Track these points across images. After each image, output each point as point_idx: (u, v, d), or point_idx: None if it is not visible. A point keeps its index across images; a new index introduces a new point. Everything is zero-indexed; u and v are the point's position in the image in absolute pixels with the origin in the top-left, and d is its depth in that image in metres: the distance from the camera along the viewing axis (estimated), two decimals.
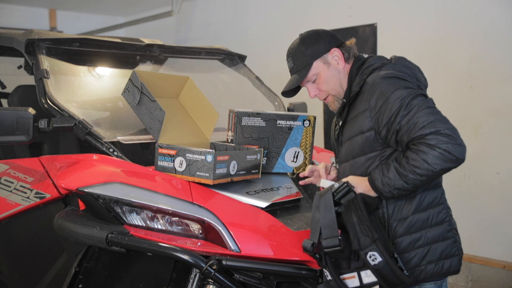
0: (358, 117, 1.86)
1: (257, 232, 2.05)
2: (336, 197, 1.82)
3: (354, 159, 1.90)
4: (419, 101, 1.73)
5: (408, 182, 1.71)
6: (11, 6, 6.78)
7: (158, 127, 2.28)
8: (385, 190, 1.76)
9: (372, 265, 1.72)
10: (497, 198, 3.75)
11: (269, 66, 5.16)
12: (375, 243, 1.72)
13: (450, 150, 1.64)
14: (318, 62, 1.97)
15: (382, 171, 1.77)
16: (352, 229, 1.77)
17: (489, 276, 3.78)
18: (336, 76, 1.97)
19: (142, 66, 3.43)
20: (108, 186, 2.07)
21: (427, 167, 1.67)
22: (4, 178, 2.43)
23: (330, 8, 4.82)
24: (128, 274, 2.18)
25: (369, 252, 1.73)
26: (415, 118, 1.70)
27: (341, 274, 1.82)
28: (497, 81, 3.72)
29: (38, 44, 2.64)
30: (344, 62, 1.97)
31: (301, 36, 2.02)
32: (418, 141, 1.68)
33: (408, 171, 1.70)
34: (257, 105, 3.21)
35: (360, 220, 1.76)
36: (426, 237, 1.84)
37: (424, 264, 1.83)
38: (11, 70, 3.40)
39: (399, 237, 1.83)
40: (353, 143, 1.89)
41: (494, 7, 3.72)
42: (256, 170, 2.32)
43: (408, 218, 1.83)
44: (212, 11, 6.17)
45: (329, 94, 2.00)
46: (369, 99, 1.82)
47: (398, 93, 1.75)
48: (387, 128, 1.77)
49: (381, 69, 1.87)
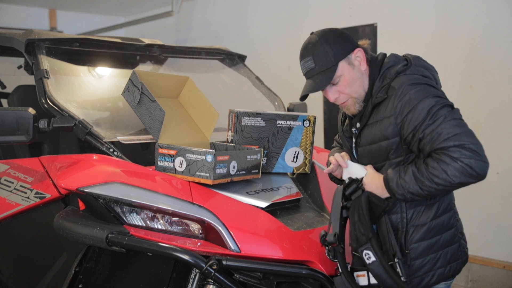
0: (382, 122, 1.82)
1: (257, 232, 2.06)
2: (346, 193, 1.86)
3: (380, 163, 1.87)
4: (446, 111, 1.70)
5: (423, 188, 1.69)
6: (11, 6, 6.78)
7: (158, 127, 2.28)
8: (398, 192, 1.74)
9: (367, 263, 1.76)
10: (497, 198, 3.75)
11: (269, 66, 5.16)
12: (370, 241, 1.74)
13: (472, 165, 1.62)
14: (343, 62, 1.84)
15: (399, 173, 1.75)
16: (352, 226, 1.81)
17: (489, 276, 3.78)
18: (359, 78, 1.87)
19: (142, 66, 3.43)
20: (108, 186, 2.07)
21: (445, 178, 1.64)
22: (4, 178, 2.43)
23: (330, 8, 4.82)
24: (128, 274, 2.18)
25: (365, 251, 1.76)
26: (439, 129, 1.67)
27: (356, 270, 1.85)
28: (497, 81, 3.72)
29: (38, 44, 2.64)
30: (366, 63, 1.88)
31: (319, 34, 1.88)
32: (441, 151, 1.66)
33: (425, 178, 1.68)
34: (257, 105, 3.20)
35: (360, 218, 1.78)
36: (440, 242, 1.84)
37: (435, 269, 1.84)
38: (11, 70, 3.40)
39: (415, 243, 1.82)
40: (377, 148, 1.85)
41: (494, 7, 3.72)
42: (256, 170, 2.32)
43: (427, 224, 1.83)
44: (212, 11, 6.17)
45: (351, 97, 1.88)
46: (396, 106, 1.77)
47: (427, 101, 1.72)
48: (412, 135, 1.74)
49: (405, 73, 1.82)
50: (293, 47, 5.41)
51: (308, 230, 2.15)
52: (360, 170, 1.90)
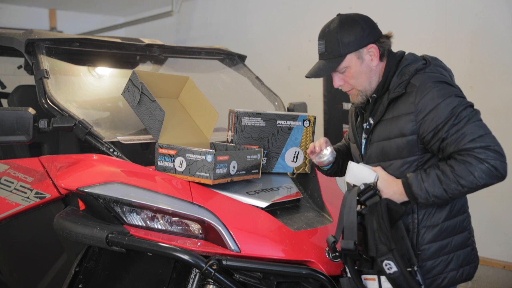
0: (400, 119, 1.79)
1: (257, 232, 2.05)
2: (362, 199, 1.79)
3: (389, 161, 1.84)
4: (469, 112, 1.71)
5: (448, 191, 1.69)
6: (11, 6, 6.78)
7: (158, 127, 2.28)
8: (421, 196, 1.72)
9: (387, 273, 1.70)
10: (497, 198, 3.75)
11: (269, 66, 5.16)
12: (392, 252, 1.68)
13: (497, 166, 1.64)
14: (352, 55, 1.83)
15: (421, 177, 1.73)
16: (371, 234, 1.75)
17: (489, 276, 3.78)
18: (367, 73, 1.86)
19: (142, 66, 3.42)
20: (108, 186, 2.07)
21: (472, 180, 1.65)
22: (4, 178, 2.43)
23: (330, 8, 4.81)
24: (128, 274, 2.17)
25: (385, 261, 1.70)
26: (464, 129, 1.67)
27: (363, 273, 1.80)
28: (497, 81, 3.71)
29: (38, 44, 2.64)
30: (378, 59, 1.86)
31: (340, 19, 1.87)
32: (467, 152, 1.66)
33: (451, 180, 1.67)
34: (257, 105, 3.20)
35: (380, 226, 1.72)
36: (452, 244, 1.83)
37: (447, 272, 1.82)
38: (11, 70, 3.39)
39: (426, 244, 1.81)
40: (390, 145, 1.83)
41: (494, 7, 3.72)
42: (256, 170, 2.32)
43: (439, 225, 1.82)
44: (212, 11, 6.16)
45: (354, 88, 1.89)
46: (417, 102, 1.75)
47: (450, 100, 1.72)
48: (432, 134, 1.73)
49: (425, 71, 1.81)
50: (293, 47, 5.44)
51: (308, 230, 2.15)
52: (368, 172, 1.84)
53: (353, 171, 1.87)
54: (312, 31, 5.12)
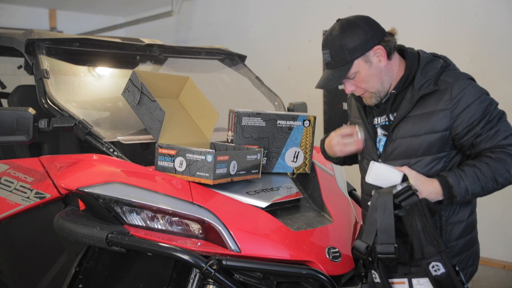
0: (432, 115, 1.78)
1: (257, 232, 2.05)
2: (397, 200, 1.72)
3: (416, 158, 1.80)
4: (499, 111, 1.79)
5: (485, 188, 1.71)
6: (11, 6, 6.78)
7: (158, 127, 2.28)
8: (461, 193, 1.71)
9: (434, 275, 1.66)
10: (497, 198, 3.74)
11: (269, 66, 5.16)
12: (441, 254, 1.65)
13: None
14: (359, 60, 1.80)
15: (460, 175, 1.72)
16: (416, 236, 1.70)
17: (489, 276, 3.78)
18: (377, 75, 1.83)
19: (142, 66, 3.43)
20: (108, 186, 2.07)
21: (507, 177, 1.70)
22: (4, 178, 2.43)
23: (330, 8, 4.82)
24: (128, 274, 2.18)
25: (433, 262, 1.66)
26: (498, 126, 1.74)
27: (391, 277, 1.77)
28: (497, 81, 3.71)
29: (38, 44, 2.64)
30: (386, 59, 1.83)
31: (341, 25, 1.83)
32: (501, 149, 1.71)
33: (489, 178, 1.70)
34: (257, 105, 3.20)
35: (425, 227, 1.68)
36: (472, 240, 1.85)
37: (467, 267, 1.84)
38: (11, 70, 3.40)
39: (454, 241, 1.81)
40: (420, 142, 1.79)
41: (494, 7, 3.72)
42: (256, 170, 2.32)
43: (465, 221, 1.83)
44: (212, 11, 6.17)
45: (367, 91, 1.87)
46: (452, 99, 1.76)
47: (483, 98, 1.78)
48: (467, 130, 1.74)
49: (451, 68, 1.86)
50: (293, 47, 5.44)
51: (308, 230, 2.15)
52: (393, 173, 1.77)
53: (376, 171, 1.79)
54: (312, 31, 5.15)
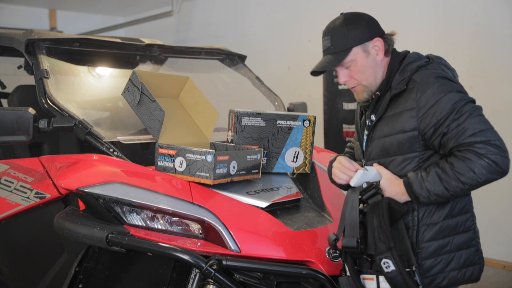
0: (401, 115, 1.80)
1: (257, 232, 2.05)
2: (363, 197, 1.80)
3: (390, 157, 1.84)
4: (471, 107, 1.70)
5: (449, 189, 1.68)
6: (11, 6, 6.78)
7: (158, 127, 2.28)
8: (422, 194, 1.72)
9: (385, 272, 1.70)
10: (497, 198, 3.75)
11: (269, 66, 5.16)
12: (390, 251, 1.68)
13: (498, 162, 1.62)
14: (358, 48, 1.84)
15: (421, 175, 1.73)
16: (371, 232, 1.75)
17: (489, 276, 3.78)
18: (372, 67, 1.86)
19: (142, 66, 3.42)
20: (108, 186, 2.06)
21: (472, 176, 1.64)
22: (4, 178, 2.43)
23: (330, 8, 4.82)
24: (128, 274, 2.18)
25: (384, 259, 1.70)
26: (465, 124, 1.67)
27: (362, 273, 1.80)
28: (497, 81, 3.72)
29: (38, 44, 2.64)
30: (383, 54, 1.87)
31: (345, 16, 1.89)
32: (466, 148, 1.65)
33: (451, 178, 1.67)
34: (257, 105, 3.20)
35: (380, 225, 1.72)
36: (453, 244, 1.81)
37: (448, 271, 1.81)
38: (11, 70, 3.40)
39: (426, 242, 1.81)
40: (391, 141, 1.83)
41: (494, 7, 3.72)
42: (256, 170, 2.32)
43: (439, 223, 1.81)
44: (212, 11, 6.17)
45: (360, 84, 1.89)
46: (418, 98, 1.75)
47: (451, 96, 1.71)
48: (434, 130, 1.72)
49: (427, 68, 1.82)
50: (293, 47, 5.44)
51: (308, 230, 2.15)
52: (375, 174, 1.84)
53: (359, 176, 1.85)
54: (312, 31, 5.15)
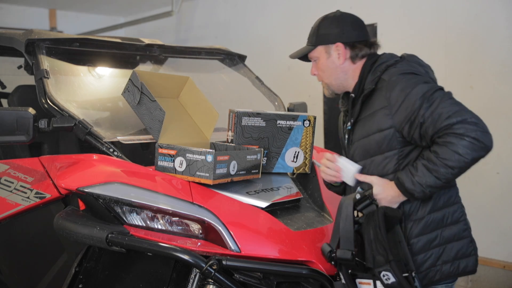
0: (375, 115, 1.82)
1: (257, 232, 2.06)
2: (358, 208, 1.79)
3: (370, 158, 1.86)
4: (440, 93, 1.72)
5: (439, 177, 1.68)
6: (11, 6, 6.78)
7: (158, 127, 2.28)
8: (416, 190, 1.72)
9: (385, 283, 1.69)
10: (497, 198, 3.75)
11: (269, 66, 5.16)
12: (389, 263, 1.67)
13: (479, 137, 1.62)
14: (322, 48, 1.98)
15: (410, 172, 1.73)
16: (368, 245, 1.74)
17: (489, 276, 3.78)
18: (332, 69, 1.97)
19: (142, 66, 3.42)
20: (108, 186, 2.07)
21: (458, 158, 1.64)
22: (4, 178, 2.43)
23: (330, 8, 4.80)
24: (128, 274, 2.18)
25: (383, 272, 1.69)
26: (439, 109, 1.67)
27: (358, 277, 1.79)
28: (497, 81, 3.72)
29: (38, 44, 2.64)
30: (345, 59, 1.94)
31: (334, 14, 2.03)
32: (445, 131, 1.65)
33: (439, 166, 1.66)
34: (257, 105, 3.20)
35: (377, 237, 1.71)
36: (442, 236, 1.82)
37: (440, 264, 1.81)
38: (11, 70, 3.39)
39: (415, 238, 1.81)
40: (369, 142, 1.85)
41: (494, 7, 3.72)
42: (256, 170, 2.32)
43: (424, 218, 1.81)
44: (212, 11, 6.17)
45: (323, 80, 2.02)
46: (388, 96, 1.78)
47: (419, 88, 1.73)
48: (410, 123, 1.73)
49: (396, 66, 1.84)
50: (293, 47, 5.42)
51: (308, 230, 2.15)
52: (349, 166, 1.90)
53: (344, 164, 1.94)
54: None
